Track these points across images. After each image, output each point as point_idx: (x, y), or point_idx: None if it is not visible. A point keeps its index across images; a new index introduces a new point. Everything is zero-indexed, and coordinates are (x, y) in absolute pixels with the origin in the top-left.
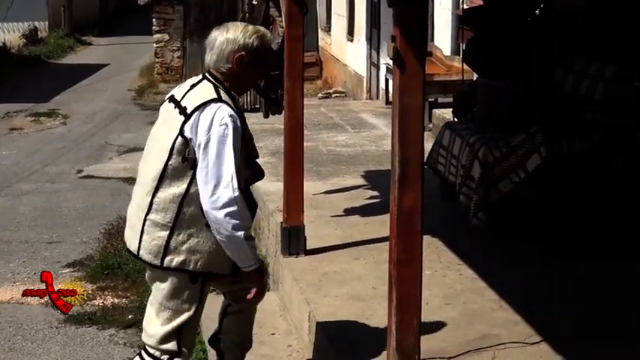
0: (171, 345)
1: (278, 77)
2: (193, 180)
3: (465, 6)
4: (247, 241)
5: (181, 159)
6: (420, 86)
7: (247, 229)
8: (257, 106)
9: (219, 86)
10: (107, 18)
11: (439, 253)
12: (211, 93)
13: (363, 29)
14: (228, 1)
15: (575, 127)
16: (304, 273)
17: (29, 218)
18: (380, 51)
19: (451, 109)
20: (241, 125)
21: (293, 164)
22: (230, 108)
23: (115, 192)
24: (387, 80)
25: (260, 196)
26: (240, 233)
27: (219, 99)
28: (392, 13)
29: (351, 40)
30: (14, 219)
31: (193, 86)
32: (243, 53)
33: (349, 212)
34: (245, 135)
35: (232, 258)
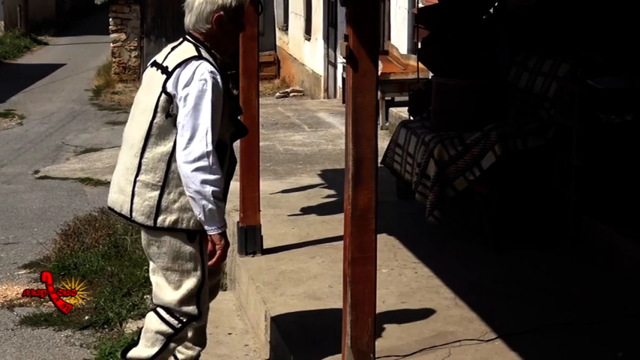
0: (191, 308)
1: (235, 76)
2: None
3: (421, 4)
4: (215, 201)
5: (165, 115)
6: (374, 85)
7: (217, 187)
8: None
9: (199, 46)
10: (64, 17)
11: (395, 252)
12: (192, 51)
13: (321, 28)
14: (185, 1)
15: (529, 124)
16: (261, 272)
17: None
18: (337, 50)
19: (407, 108)
20: (224, 83)
21: (249, 163)
22: (211, 65)
23: (72, 192)
24: (344, 79)
25: None
26: (208, 189)
27: (199, 56)
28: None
29: (309, 39)
30: None
31: (174, 48)
32: (222, 13)
33: (306, 211)
34: (229, 92)
35: (198, 217)
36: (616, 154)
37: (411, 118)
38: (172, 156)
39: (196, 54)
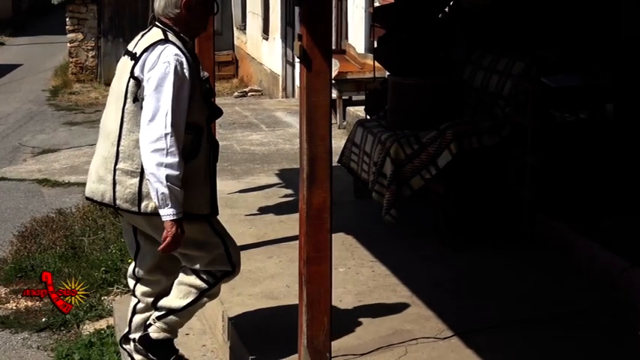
0: (224, 267)
1: None
2: None
3: (377, 4)
4: (169, 185)
5: (133, 99)
6: (327, 84)
7: (173, 171)
8: None
9: (167, 30)
10: (20, 17)
11: (352, 251)
12: (159, 36)
13: (278, 27)
14: (142, 0)
15: (484, 123)
16: None
17: None
18: None
19: (364, 107)
20: (194, 65)
21: None
22: (177, 48)
23: (29, 194)
24: None
25: None
26: (162, 171)
27: (166, 40)
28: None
29: (267, 39)
30: None
31: (144, 35)
32: None
33: (263, 211)
34: (199, 75)
35: (154, 200)
36: (570, 152)
37: (368, 117)
38: None
39: (163, 38)
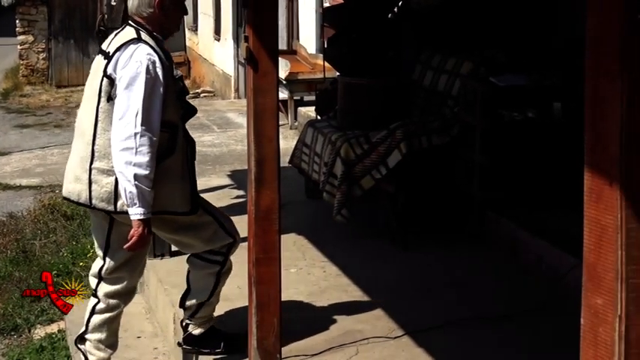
0: (224, 242)
1: None
2: None
3: (327, 4)
4: (137, 184)
5: (107, 99)
6: (274, 85)
7: (142, 171)
8: None
9: (140, 29)
10: None
11: (304, 251)
12: (132, 35)
13: (230, 28)
14: (93, 2)
15: (434, 122)
16: (169, 274)
17: None
18: None
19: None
20: (167, 64)
21: None
22: (150, 48)
23: None
24: None
25: None
26: (130, 170)
27: (139, 39)
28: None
29: (218, 40)
30: None
31: (117, 34)
32: None
33: None
34: (172, 73)
35: (123, 199)
36: (519, 151)
37: (318, 118)
38: None
39: (136, 37)
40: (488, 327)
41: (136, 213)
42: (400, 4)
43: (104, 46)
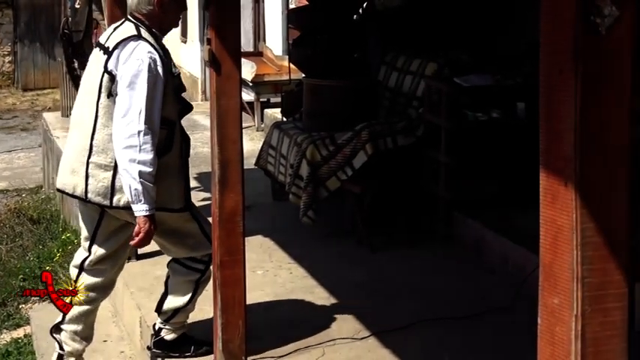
0: (206, 250)
1: None
2: None
3: (292, 5)
4: (142, 181)
5: (107, 95)
6: (237, 88)
7: (146, 168)
8: None
9: (140, 25)
10: None
11: (270, 253)
12: (132, 31)
13: (196, 31)
14: (59, 5)
15: (399, 123)
16: (135, 278)
17: None
18: None
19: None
20: (166, 61)
21: None
22: (150, 45)
23: None
24: None
25: None
26: (135, 168)
27: (139, 36)
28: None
29: (185, 42)
30: None
31: (116, 28)
32: None
33: None
34: (171, 70)
35: (127, 196)
36: (483, 151)
37: (284, 120)
38: None
39: (136, 33)
40: (454, 327)
41: (142, 209)
42: (365, 6)
43: (102, 40)
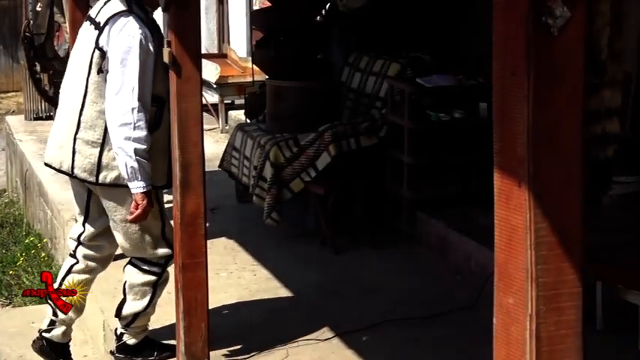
0: (164, 251)
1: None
2: None
3: (256, 7)
4: (138, 158)
5: (97, 71)
6: (197, 90)
7: (141, 145)
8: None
9: (131, 0)
10: None
11: (234, 255)
12: (122, 6)
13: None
14: (21, 7)
15: (362, 124)
16: (99, 281)
17: None
18: None
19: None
20: (157, 37)
21: None
22: (141, 21)
23: None
24: None
25: (54, 205)
26: (130, 145)
27: (130, 11)
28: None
29: None
30: None
31: (107, 2)
32: None
33: None
34: (161, 46)
35: (123, 173)
36: (446, 151)
37: (248, 121)
38: None
39: (126, 9)
40: (418, 327)
41: (139, 186)
42: (328, 7)
43: (92, 14)
